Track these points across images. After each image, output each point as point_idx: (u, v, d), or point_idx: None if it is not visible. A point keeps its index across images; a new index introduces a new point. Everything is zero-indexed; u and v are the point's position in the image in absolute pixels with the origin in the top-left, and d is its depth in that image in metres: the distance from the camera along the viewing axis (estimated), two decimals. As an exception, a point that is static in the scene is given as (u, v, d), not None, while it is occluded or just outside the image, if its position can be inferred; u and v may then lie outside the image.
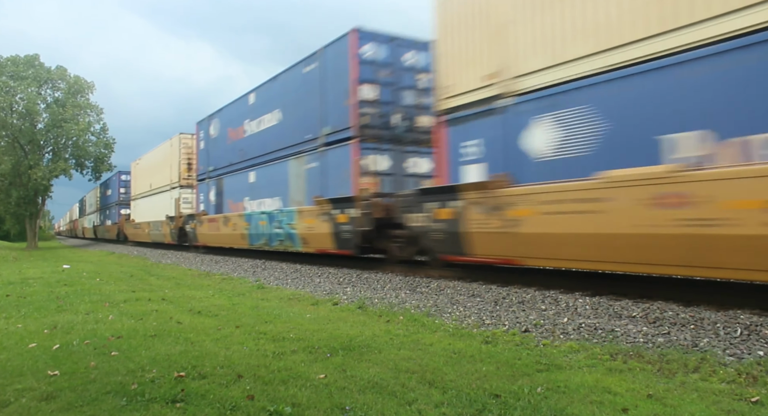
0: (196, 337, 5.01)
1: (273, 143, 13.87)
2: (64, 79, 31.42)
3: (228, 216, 16.26)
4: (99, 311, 6.62)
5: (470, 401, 3.21)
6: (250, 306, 7.04)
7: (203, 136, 19.08)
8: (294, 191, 12.78)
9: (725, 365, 3.86)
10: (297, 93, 12.75)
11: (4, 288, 9.25)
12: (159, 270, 13.68)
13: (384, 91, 10.70)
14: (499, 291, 7.14)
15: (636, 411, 3.05)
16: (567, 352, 4.40)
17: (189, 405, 3.18)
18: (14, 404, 3.23)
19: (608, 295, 6.40)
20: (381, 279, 9.33)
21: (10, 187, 31.43)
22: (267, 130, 14.29)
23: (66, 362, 4.12)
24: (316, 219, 11.43)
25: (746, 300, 5.45)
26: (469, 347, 4.57)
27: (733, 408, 3.07)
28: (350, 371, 3.86)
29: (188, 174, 21.15)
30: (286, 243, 12.91)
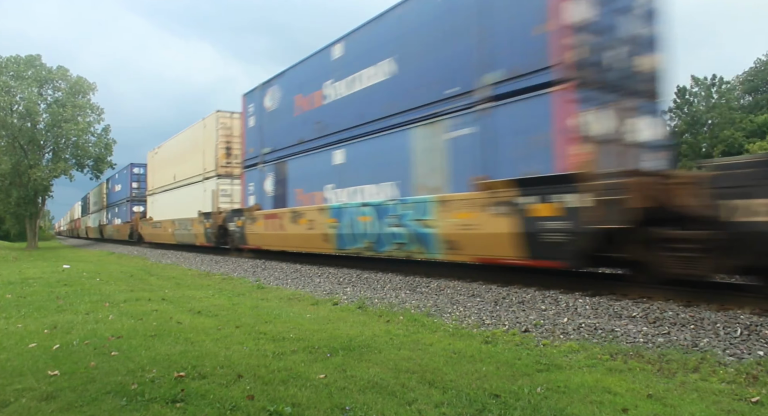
0: (196, 337, 5.01)
1: (379, 107, 9.76)
2: (66, 80, 31.42)
3: (299, 211, 12.09)
4: (99, 311, 6.62)
5: (470, 401, 3.21)
6: (250, 306, 7.04)
7: (254, 110, 14.87)
8: (423, 173, 8.78)
9: (725, 365, 3.86)
10: (427, 30, 8.81)
11: (4, 288, 9.25)
12: (159, 270, 13.68)
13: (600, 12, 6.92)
14: (499, 291, 7.14)
15: (636, 411, 3.05)
16: (567, 352, 4.40)
17: (189, 405, 3.18)
18: (14, 404, 3.23)
19: (608, 295, 6.40)
20: (381, 279, 9.33)
21: (10, 187, 31.42)
22: (367, 91, 10.16)
23: (66, 362, 4.12)
24: (482, 212, 7.41)
25: (746, 300, 5.45)
26: (469, 347, 4.57)
27: (733, 408, 3.07)
28: (350, 371, 3.86)
29: (227, 161, 17.43)
30: (411, 247, 8.95)
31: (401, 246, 9.18)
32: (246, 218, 14.92)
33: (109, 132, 33.64)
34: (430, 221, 8.37)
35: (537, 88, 6.86)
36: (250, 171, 15.10)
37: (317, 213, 11.34)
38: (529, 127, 7.03)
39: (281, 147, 13.26)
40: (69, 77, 31.47)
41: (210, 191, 17.79)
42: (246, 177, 15.42)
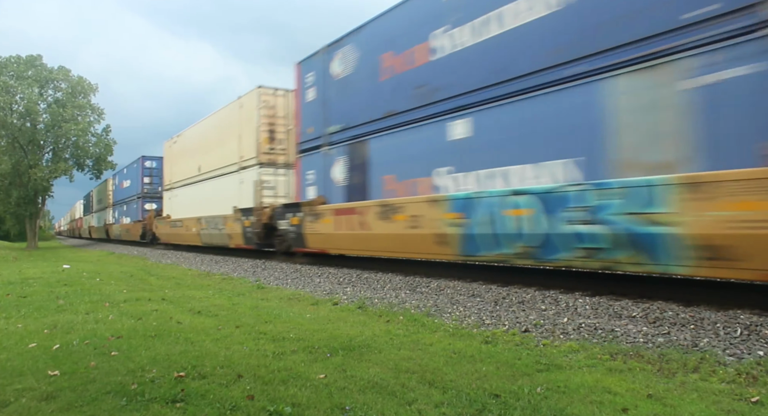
0: (196, 337, 5.01)
1: (538, 54, 6.76)
2: (67, 80, 31.43)
3: (393, 204, 9.08)
4: (99, 311, 6.62)
5: (470, 401, 3.21)
6: (250, 306, 7.04)
7: (314, 79, 11.97)
8: (634, 142, 5.79)
9: (725, 365, 3.86)
10: None
11: (4, 288, 9.25)
12: (159, 270, 13.68)
13: None
14: (499, 291, 7.14)
15: (636, 411, 3.05)
16: (567, 352, 4.40)
17: (189, 405, 3.18)
18: (14, 404, 3.23)
19: (608, 295, 6.40)
20: (381, 279, 9.33)
21: (10, 187, 31.43)
22: (514, 34, 7.13)
23: (66, 362, 4.12)
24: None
25: (746, 300, 5.45)
26: (469, 347, 4.57)
27: (733, 408, 3.07)
28: (350, 371, 3.87)
29: (270, 147, 14.54)
30: (617, 254, 5.89)
31: (595, 253, 6.12)
32: (305, 214, 11.67)
33: (109, 132, 33.66)
34: (665, 215, 5.36)
35: None
36: (309, 156, 12.10)
37: (426, 207, 8.27)
38: None
39: (358, 123, 10.26)
40: (71, 78, 31.48)
41: (249, 183, 14.72)
42: (302, 164, 12.36)
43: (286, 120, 14.53)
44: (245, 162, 15.25)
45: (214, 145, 17.77)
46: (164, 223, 23.12)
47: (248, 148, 14.94)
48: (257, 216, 14.20)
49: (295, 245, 12.41)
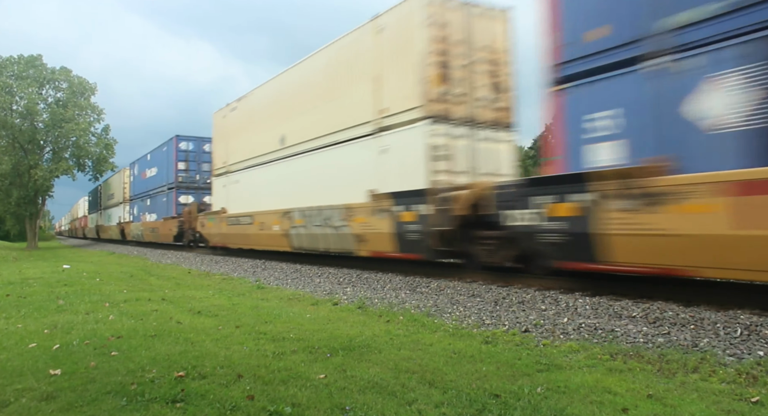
0: (196, 337, 5.01)
1: None
2: (68, 80, 31.43)
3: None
4: (99, 311, 6.62)
5: (470, 401, 3.21)
6: (250, 306, 7.04)
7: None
8: None
9: (725, 365, 3.86)
10: None
11: (4, 288, 9.25)
12: (159, 270, 13.68)
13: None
14: (499, 291, 7.14)
15: (636, 411, 3.05)
16: (567, 352, 4.40)
17: (189, 405, 3.18)
18: (14, 404, 3.23)
19: (608, 295, 6.40)
20: (381, 279, 9.33)
21: (10, 187, 31.43)
22: None
23: (66, 362, 4.12)
24: None
25: (746, 300, 5.45)
26: (469, 347, 4.57)
27: (733, 408, 3.07)
28: (350, 371, 3.86)
29: (442, 90, 8.90)
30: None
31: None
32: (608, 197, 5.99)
33: (109, 132, 33.65)
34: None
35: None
36: (595, 84, 6.40)
37: None
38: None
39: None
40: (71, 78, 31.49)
41: (410, 150, 9.10)
42: (570, 101, 6.70)
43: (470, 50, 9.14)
44: (394, 118, 9.40)
45: (315, 101, 11.95)
46: (217, 220, 17.23)
47: (400, 94, 9.28)
48: (441, 204, 8.43)
49: (563, 256, 6.70)
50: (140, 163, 28.96)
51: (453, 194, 8.30)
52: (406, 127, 9.18)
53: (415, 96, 8.93)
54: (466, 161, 8.99)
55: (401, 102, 9.31)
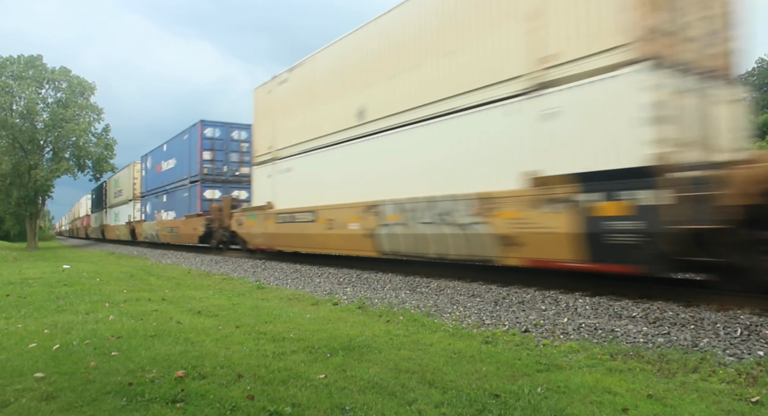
0: (196, 337, 5.01)
1: None
2: (67, 80, 31.44)
3: None
4: (99, 311, 6.62)
5: (470, 401, 3.21)
6: (250, 306, 7.04)
7: None
8: None
9: (725, 365, 3.86)
10: None
11: (4, 288, 9.25)
12: (159, 271, 13.68)
13: None
14: (499, 292, 7.14)
15: (636, 411, 3.05)
16: (567, 352, 4.40)
17: (189, 405, 3.18)
18: (14, 404, 3.23)
19: (608, 295, 6.40)
20: (381, 279, 9.33)
21: (10, 187, 31.43)
22: None
23: (66, 362, 4.12)
24: None
25: (746, 300, 5.45)
26: (469, 347, 4.57)
27: (733, 408, 3.07)
28: (350, 371, 3.87)
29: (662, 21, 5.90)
30: None
31: None
32: None
33: (109, 131, 33.66)
34: None
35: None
36: None
37: None
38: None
39: None
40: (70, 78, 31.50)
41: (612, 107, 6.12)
42: None
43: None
44: (570, 67, 6.55)
45: (419, 57, 9.04)
46: (260, 217, 14.13)
47: (584, 29, 6.40)
48: (691, 190, 5.59)
49: None
50: (154, 154, 25.51)
51: (716, 174, 5.51)
52: (596, 77, 6.26)
53: (612, 30, 6.11)
54: (697, 128, 6.17)
55: (585, 42, 6.41)
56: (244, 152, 20.14)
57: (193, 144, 20.07)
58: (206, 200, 19.45)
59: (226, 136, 20.06)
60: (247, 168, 19.23)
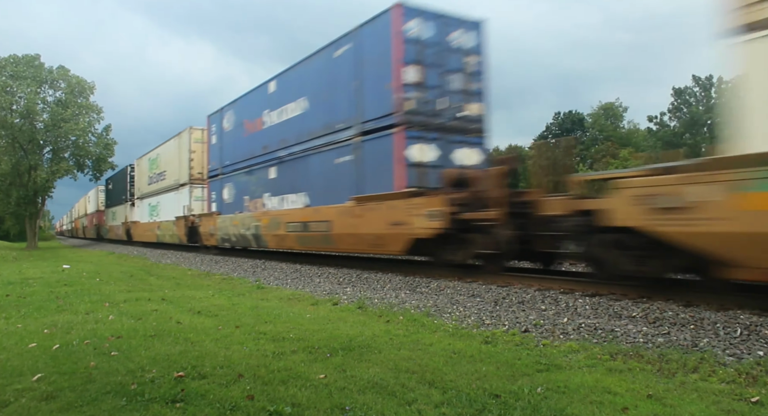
0: (195, 337, 5.01)
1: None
2: (66, 80, 31.42)
3: None
4: (99, 311, 6.62)
5: (470, 401, 3.21)
6: (250, 306, 7.04)
7: None
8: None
9: (725, 365, 3.86)
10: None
11: (4, 288, 9.25)
12: (159, 270, 13.68)
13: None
14: (499, 291, 7.14)
15: (636, 411, 3.05)
16: (567, 352, 4.40)
17: (189, 405, 3.18)
18: (14, 404, 3.23)
19: (608, 295, 6.40)
20: (381, 279, 9.33)
21: (10, 187, 31.42)
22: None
23: (66, 362, 4.12)
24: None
25: (746, 300, 5.45)
26: (469, 347, 4.57)
27: (732, 408, 3.07)
28: (350, 371, 3.86)
29: None
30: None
31: None
32: None
33: (110, 131, 33.63)
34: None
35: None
36: None
37: None
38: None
39: None
40: (69, 77, 31.47)
41: None
42: None
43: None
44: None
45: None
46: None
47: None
48: None
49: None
50: (243, 104, 15.86)
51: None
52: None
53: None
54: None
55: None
56: (471, 74, 10.33)
57: (382, 52, 10.08)
58: (413, 166, 9.73)
59: (441, 37, 10.29)
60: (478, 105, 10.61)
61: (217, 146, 18.15)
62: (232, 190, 16.79)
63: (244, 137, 15.84)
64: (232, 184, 16.71)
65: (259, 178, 14.83)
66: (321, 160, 11.94)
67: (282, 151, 13.55)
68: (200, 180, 20.06)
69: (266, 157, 14.38)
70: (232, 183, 16.77)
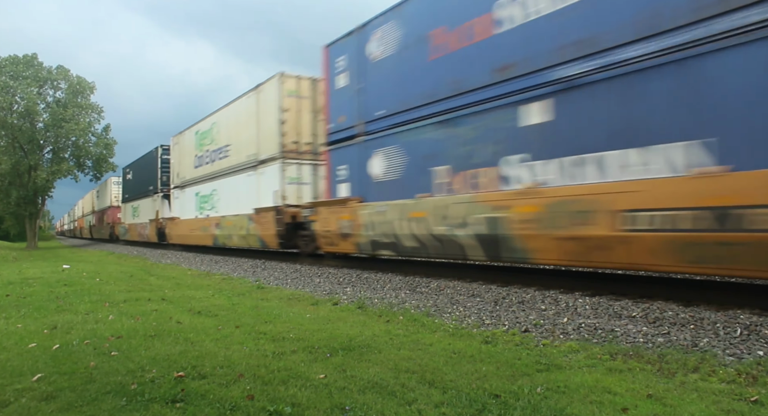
0: (195, 337, 5.01)
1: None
2: (66, 79, 31.41)
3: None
4: (99, 311, 6.62)
5: (470, 401, 3.21)
6: (250, 306, 7.04)
7: None
8: None
9: (725, 365, 3.86)
10: None
11: (4, 288, 9.25)
12: (159, 270, 13.68)
13: None
14: (499, 291, 7.14)
15: (636, 411, 3.05)
16: (567, 352, 4.40)
17: (189, 405, 3.18)
18: (14, 404, 3.23)
19: (608, 295, 6.40)
20: (381, 279, 9.33)
21: (10, 187, 31.41)
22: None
23: (66, 362, 4.12)
24: None
25: (746, 300, 5.45)
26: (469, 347, 4.57)
27: (732, 408, 3.07)
28: (350, 371, 3.86)
29: None
30: None
31: None
32: None
33: (110, 131, 33.63)
34: None
35: None
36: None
37: None
38: None
39: None
40: (69, 77, 31.48)
41: None
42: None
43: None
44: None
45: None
46: None
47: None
48: None
49: None
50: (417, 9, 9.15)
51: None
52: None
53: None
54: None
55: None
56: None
57: None
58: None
59: None
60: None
61: (348, 91, 10.93)
62: (393, 158, 9.77)
63: (434, 61, 8.71)
64: (396, 149, 9.65)
65: (488, 128, 7.70)
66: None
67: (567, 67, 6.48)
68: (295, 153, 13.77)
69: (510, 86, 7.27)
70: (394, 147, 9.69)
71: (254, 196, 14.77)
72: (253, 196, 14.80)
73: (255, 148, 14.95)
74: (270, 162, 14.11)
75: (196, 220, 19.09)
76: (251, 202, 14.84)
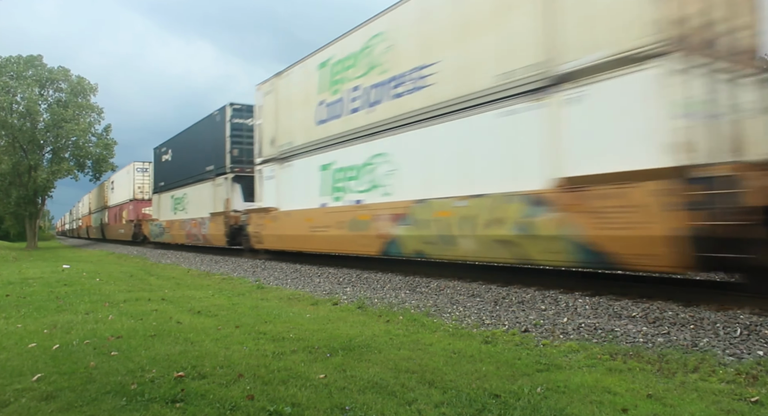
0: (195, 337, 5.01)
1: None
2: (67, 80, 31.40)
3: None
4: (99, 311, 6.62)
5: (470, 401, 3.21)
6: (250, 306, 7.04)
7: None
8: None
9: (725, 365, 3.86)
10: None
11: (4, 288, 9.25)
12: (159, 270, 13.68)
13: None
14: (499, 291, 7.14)
15: (636, 411, 3.05)
16: (567, 352, 4.40)
17: (189, 405, 3.18)
18: (14, 404, 3.23)
19: (608, 295, 6.40)
20: (381, 279, 9.33)
21: (10, 187, 31.40)
22: None
23: (66, 362, 4.12)
24: None
25: (746, 300, 5.45)
26: (469, 347, 4.57)
27: (732, 408, 3.07)
28: (350, 371, 3.86)
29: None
30: None
31: None
32: None
33: (110, 131, 33.61)
34: None
35: None
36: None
37: None
38: None
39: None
40: (70, 77, 31.46)
41: None
42: None
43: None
44: None
45: None
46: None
47: None
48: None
49: None
50: None
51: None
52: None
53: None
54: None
55: None
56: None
57: None
58: None
59: None
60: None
61: None
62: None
63: None
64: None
65: None
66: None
67: None
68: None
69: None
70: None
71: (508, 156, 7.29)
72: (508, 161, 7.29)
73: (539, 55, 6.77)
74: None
75: (329, 211, 11.17)
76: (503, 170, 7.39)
